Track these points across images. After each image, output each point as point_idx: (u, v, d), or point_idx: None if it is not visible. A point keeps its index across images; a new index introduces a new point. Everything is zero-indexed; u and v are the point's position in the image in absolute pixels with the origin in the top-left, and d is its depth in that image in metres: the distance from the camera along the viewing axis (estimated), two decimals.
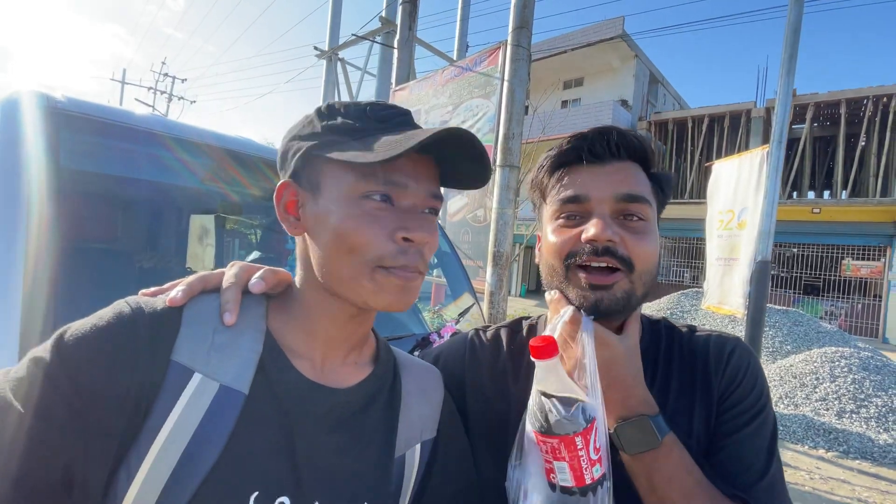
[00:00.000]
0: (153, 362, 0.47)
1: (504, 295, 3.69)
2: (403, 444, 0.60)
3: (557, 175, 0.69)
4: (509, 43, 3.87)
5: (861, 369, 5.69)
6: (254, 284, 0.56)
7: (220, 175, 1.52)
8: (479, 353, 0.81)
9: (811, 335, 7.52)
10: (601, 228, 0.62)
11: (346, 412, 0.56)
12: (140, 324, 0.48)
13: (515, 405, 0.72)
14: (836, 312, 11.80)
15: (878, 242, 11.39)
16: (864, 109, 12.84)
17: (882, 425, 4.94)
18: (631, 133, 0.68)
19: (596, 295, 0.62)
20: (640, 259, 0.63)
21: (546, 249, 0.70)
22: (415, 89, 5.51)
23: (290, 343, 0.56)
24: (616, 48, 15.83)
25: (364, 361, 0.63)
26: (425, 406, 0.66)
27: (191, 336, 0.50)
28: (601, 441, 0.55)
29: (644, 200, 0.66)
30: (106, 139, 1.18)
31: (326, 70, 9.75)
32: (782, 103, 3.37)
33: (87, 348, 0.45)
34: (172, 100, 24.79)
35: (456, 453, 0.68)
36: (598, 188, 0.65)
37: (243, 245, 3.54)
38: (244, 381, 0.50)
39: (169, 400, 0.46)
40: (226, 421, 0.47)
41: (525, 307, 12.88)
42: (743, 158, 3.73)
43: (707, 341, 0.73)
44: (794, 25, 3.37)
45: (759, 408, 0.67)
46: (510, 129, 3.74)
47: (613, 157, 0.66)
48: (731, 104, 14.84)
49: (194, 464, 0.45)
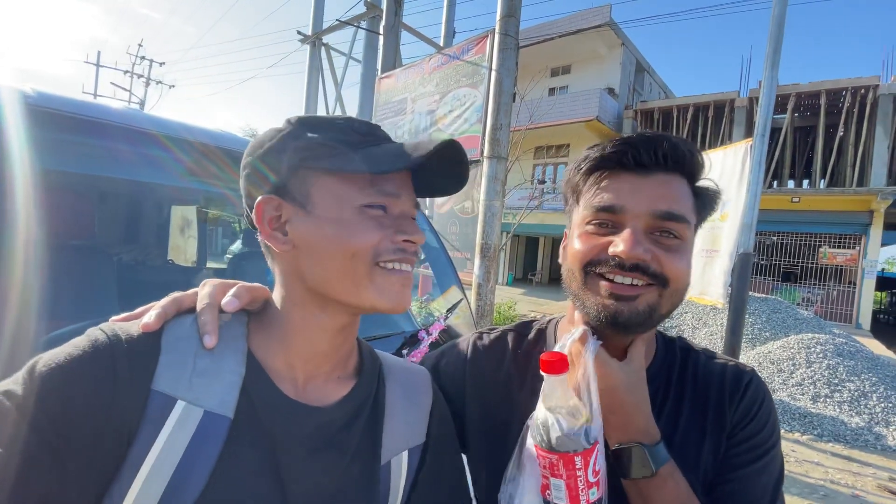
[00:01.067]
0: (133, 393, 0.45)
1: (492, 286, 3.70)
2: (389, 452, 0.60)
3: (594, 178, 0.65)
4: (497, 32, 3.82)
5: (835, 355, 5.89)
6: (227, 303, 0.54)
7: (199, 171, 1.48)
8: (481, 358, 0.78)
9: (789, 322, 7.73)
10: (631, 246, 0.58)
11: (330, 430, 0.56)
12: (118, 353, 0.46)
13: (518, 414, 0.69)
14: (813, 299, 12.12)
15: (853, 231, 11.70)
16: (843, 100, 13.07)
17: (854, 409, 5.13)
18: (682, 143, 0.62)
19: (616, 305, 0.59)
20: (676, 276, 0.60)
21: (569, 253, 0.67)
22: (401, 77, 5.43)
23: (272, 363, 0.55)
24: (603, 36, 15.78)
25: (347, 375, 0.62)
26: (412, 412, 0.65)
27: (171, 363, 0.48)
28: (601, 464, 0.55)
29: (683, 220, 0.61)
30: (78, 135, 1.13)
31: (310, 55, 9.54)
32: (766, 96, 3.40)
33: (62, 380, 0.43)
34: (150, 84, 24.05)
35: (447, 458, 0.67)
36: (637, 201, 0.61)
37: (227, 234, 3.48)
38: (229, 405, 0.49)
39: (152, 430, 0.45)
40: (212, 447, 0.47)
41: (511, 295, 12.96)
42: (727, 151, 3.77)
43: (724, 370, 0.70)
44: (779, 19, 3.38)
45: (769, 445, 0.65)
46: (498, 120, 3.71)
47: (659, 168, 0.62)
48: (716, 94, 14.96)
49: (181, 492, 0.45)
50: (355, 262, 0.52)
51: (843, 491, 3.64)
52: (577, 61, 17.67)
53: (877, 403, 5.13)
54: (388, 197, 0.55)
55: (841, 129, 13.38)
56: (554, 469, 0.54)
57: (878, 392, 5.25)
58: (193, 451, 0.46)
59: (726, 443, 0.66)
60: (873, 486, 3.75)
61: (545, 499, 0.56)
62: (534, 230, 16.46)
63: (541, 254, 19.91)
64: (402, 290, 0.56)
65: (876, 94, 12.33)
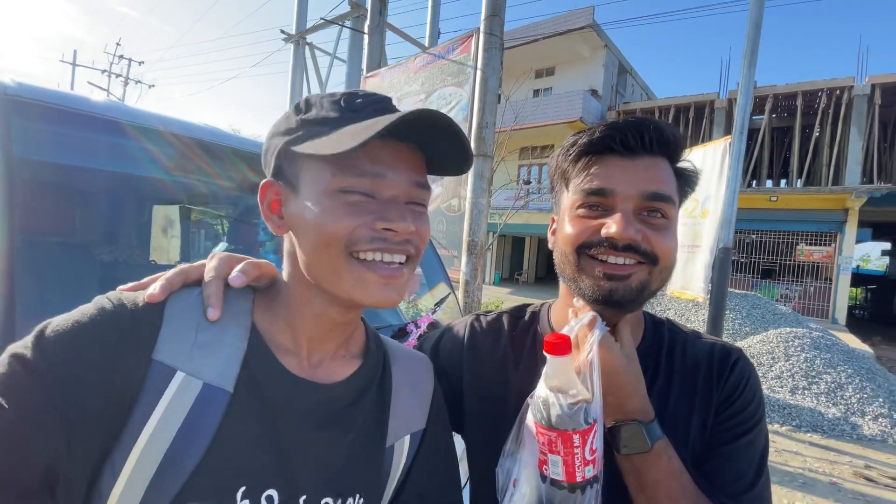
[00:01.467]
0: (135, 360, 0.46)
1: (479, 284, 3.72)
2: (393, 435, 0.61)
3: (583, 163, 0.66)
4: (482, 31, 3.85)
5: (813, 348, 6.05)
6: (234, 278, 0.54)
7: (183, 164, 1.47)
8: (478, 338, 0.80)
9: (768, 317, 7.93)
10: (623, 227, 0.61)
11: (335, 407, 0.56)
12: (122, 320, 0.47)
13: (514, 392, 0.72)
14: (791, 295, 12.43)
15: (829, 228, 12.02)
16: (819, 101, 13.44)
17: (831, 400, 5.28)
18: (667, 126, 0.65)
19: (611, 284, 0.62)
20: (665, 254, 0.63)
21: (561, 237, 0.69)
22: (386, 76, 5.43)
23: (276, 338, 0.55)
24: (586, 38, 15.96)
25: (353, 354, 0.62)
26: (415, 397, 0.66)
27: (173, 334, 0.49)
28: (598, 444, 0.57)
29: (670, 200, 0.64)
30: (61, 127, 1.12)
31: (294, 55, 9.47)
32: (744, 95, 3.49)
33: (69, 344, 0.44)
34: (129, 83, 23.57)
35: (441, 446, 0.68)
36: (626, 183, 0.63)
37: (209, 236, 3.42)
38: (228, 379, 0.49)
39: (151, 398, 0.46)
40: (210, 419, 0.47)
41: (498, 295, 13.03)
42: (707, 149, 3.86)
43: (712, 349, 0.73)
44: (756, 20, 3.48)
45: (755, 420, 0.68)
46: (483, 118, 3.74)
47: (645, 151, 0.64)
48: (696, 95, 15.25)
49: (179, 461, 0.45)
50: (330, 251, 0.50)
51: (821, 479, 3.75)
52: (560, 63, 17.85)
53: (852, 394, 5.29)
54: (370, 178, 0.50)
55: (817, 130, 13.75)
56: (552, 446, 0.55)
57: (854, 383, 5.41)
58: (192, 422, 0.46)
59: (714, 419, 0.69)
60: (850, 474, 3.87)
61: (542, 473, 0.57)
62: (520, 230, 16.55)
63: (527, 253, 20.03)
64: (383, 284, 0.51)
65: (850, 95, 12.70)
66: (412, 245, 0.54)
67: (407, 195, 0.53)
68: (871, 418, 4.97)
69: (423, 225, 0.55)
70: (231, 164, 1.52)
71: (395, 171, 0.52)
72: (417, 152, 0.55)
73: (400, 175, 0.52)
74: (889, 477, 3.80)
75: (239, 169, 1.54)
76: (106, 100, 1.30)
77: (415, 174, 0.54)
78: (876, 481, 3.73)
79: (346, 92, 0.55)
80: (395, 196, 0.52)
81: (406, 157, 0.53)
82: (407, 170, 0.53)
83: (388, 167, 0.51)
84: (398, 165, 0.52)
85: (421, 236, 0.55)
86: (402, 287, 0.54)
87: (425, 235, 0.56)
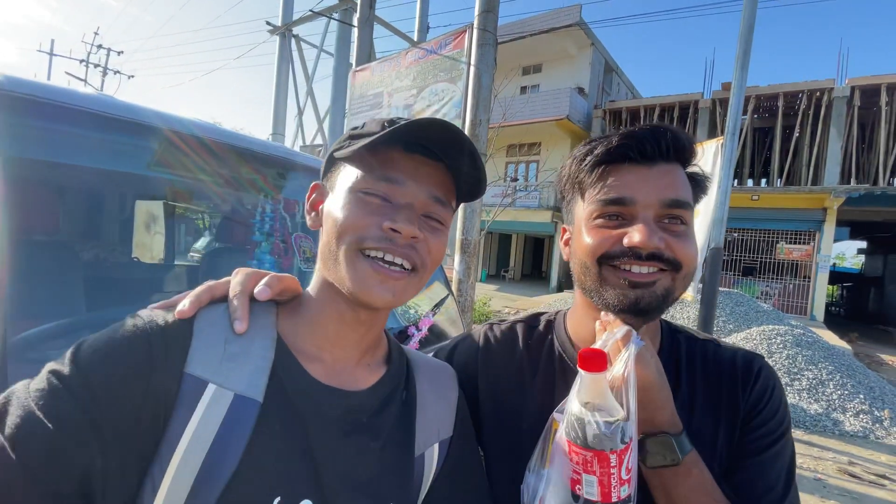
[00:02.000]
0: (167, 375, 0.48)
1: (472, 282, 3.69)
2: (422, 443, 0.62)
3: (599, 172, 0.66)
4: (475, 27, 3.80)
5: (794, 345, 6.18)
6: (259, 292, 0.56)
7: (174, 160, 1.39)
8: (493, 348, 0.80)
9: (751, 314, 8.08)
10: (647, 236, 0.60)
11: (362, 415, 0.57)
12: (153, 337, 0.48)
13: (531, 403, 0.72)
14: (771, 293, 12.70)
15: (808, 227, 12.29)
16: (799, 103, 13.71)
17: (812, 396, 5.40)
18: (682, 133, 0.65)
19: (636, 293, 0.61)
20: (687, 261, 0.63)
21: (579, 248, 0.67)
22: (376, 70, 5.34)
23: (301, 347, 0.57)
24: (573, 36, 16.01)
25: (377, 362, 0.64)
26: (441, 405, 0.67)
27: (203, 347, 0.51)
28: (633, 463, 0.55)
29: (688, 206, 0.64)
30: (49, 122, 1.04)
31: (280, 47, 9.28)
32: (737, 96, 3.51)
33: (104, 360, 0.46)
34: (107, 74, 22.90)
35: (467, 453, 0.69)
36: (646, 192, 0.62)
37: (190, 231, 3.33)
38: (258, 389, 0.50)
39: (185, 411, 0.47)
40: (243, 429, 0.48)
41: (485, 291, 13.04)
42: (698, 149, 3.87)
43: (734, 358, 0.72)
44: (749, 22, 3.50)
45: (782, 430, 0.67)
46: (477, 116, 3.70)
47: (662, 159, 0.64)
48: (681, 95, 15.42)
49: (215, 472, 0.46)
50: (340, 243, 0.54)
51: (806, 475, 3.82)
52: (548, 60, 17.89)
53: (833, 391, 5.41)
54: (387, 184, 0.54)
55: (797, 131, 14.04)
56: (587, 466, 0.53)
57: (835, 380, 5.54)
58: (225, 433, 0.47)
59: (741, 430, 0.68)
60: (834, 470, 3.95)
61: (575, 493, 0.55)
62: (507, 227, 16.60)
63: (513, 250, 20.12)
64: (379, 281, 0.53)
65: (830, 97, 12.99)
66: (417, 253, 0.55)
67: (423, 206, 0.56)
68: (853, 414, 5.09)
69: (434, 237, 0.57)
70: (222, 160, 1.45)
71: (414, 181, 0.55)
72: (446, 173, 0.58)
73: (419, 186, 0.56)
74: (873, 473, 3.89)
75: (229, 164, 1.47)
76: (93, 92, 1.22)
77: (435, 189, 0.57)
78: (860, 478, 3.82)
79: (395, 117, 0.59)
80: (409, 204, 0.55)
81: (429, 172, 0.57)
82: (427, 183, 0.56)
83: (408, 176, 0.55)
84: (418, 177, 0.56)
85: (429, 247, 0.56)
86: (400, 290, 0.55)
87: (435, 249, 0.57)
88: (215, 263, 1.98)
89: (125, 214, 2.51)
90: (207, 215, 2.94)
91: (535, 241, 21.64)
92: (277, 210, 1.59)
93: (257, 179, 1.55)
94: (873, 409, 5.12)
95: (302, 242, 1.60)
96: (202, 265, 2.13)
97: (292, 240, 1.60)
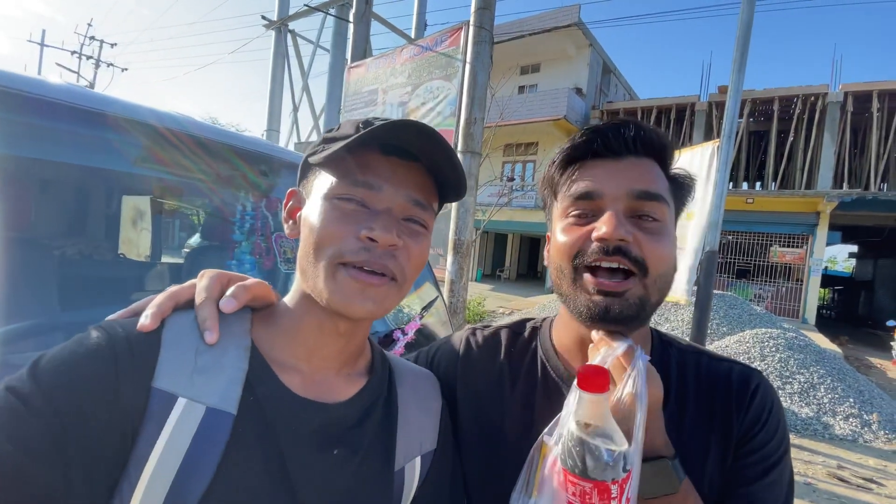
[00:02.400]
0: (134, 389, 0.45)
1: (465, 283, 3.65)
2: (403, 457, 0.60)
3: (569, 171, 0.64)
4: (472, 24, 3.76)
5: (787, 349, 6.19)
6: (224, 304, 0.53)
7: (152, 156, 1.34)
8: (473, 354, 0.77)
9: (744, 317, 8.10)
10: (613, 226, 0.57)
11: (340, 427, 0.55)
12: (119, 350, 0.46)
13: (509, 412, 0.69)
14: (764, 295, 12.76)
15: (801, 231, 12.37)
16: (794, 107, 13.78)
17: (804, 400, 5.41)
18: (649, 127, 0.63)
19: (606, 301, 0.58)
20: (655, 261, 0.58)
21: (554, 249, 0.64)
22: (372, 67, 5.28)
23: (277, 356, 0.54)
24: (572, 36, 16.00)
25: (358, 373, 0.61)
26: (424, 417, 0.65)
27: (171, 359, 0.48)
28: (633, 492, 0.50)
29: (661, 199, 0.61)
30: (20, 115, 0.99)
31: (275, 42, 9.20)
32: (733, 99, 3.49)
33: (65, 375, 0.43)
34: (100, 66, 22.64)
35: (449, 466, 0.67)
36: (612, 184, 0.60)
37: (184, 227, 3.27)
38: (231, 401, 0.48)
39: (154, 427, 0.45)
40: (215, 444, 0.46)
41: (480, 291, 13.02)
42: (694, 152, 3.85)
43: (730, 373, 0.68)
44: (746, 24, 3.47)
45: (779, 455, 0.63)
46: (472, 114, 3.66)
47: (629, 152, 0.62)
48: (677, 97, 15.48)
49: (187, 489, 0.44)
50: (318, 257, 0.52)
51: (797, 479, 3.82)
52: (546, 60, 17.87)
53: (824, 394, 5.43)
54: (364, 189, 0.52)
55: (792, 135, 14.12)
56: (585, 497, 0.49)
57: (826, 384, 5.56)
58: (197, 448, 0.45)
59: (734, 454, 0.63)
60: (824, 474, 3.95)
61: None
62: (503, 227, 16.58)
63: (509, 250, 20.12)
64: (359, 290, 0.51)
65: (824, 102, 13.07)
66: (396, 262, 0.53)
67: (402, 210, 0.54)
68: (843, 418, 5.11)
69: (414, 244, 0.55)
70: (205, 156, 1.40)
71: (391, 185, 0.53)
72: (425, 174, 0.56)
73: (396, 189, 0.53)
74: (861, 478, 3.90)
75: (212, 161, 1.42)
76: (65, 83, 1.17)
77: (414, 192, 0.55)
78: (849, 482, 3.82)
79: (371, 117, 0.57)
80: (388, 209, 0.53)
81: (407, 174, 0.54)
82: (405, 186, 0.54)
83: (385, 180, 0.53)
84: (396, 180, 0.53)
85: (409, 254, 0.54)
86: (381, 298, 0.53)
87: (415, 255, 0.55)
88: (199, 262, 1.93)
89: (108, 214, 2.45)
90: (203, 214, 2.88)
91: (531, 241, 21.66)
92: (259, 209, 1.54)
93: (236, 176, 1.51)
94: (862, 413, 5.14)
95: (283, 243, 1.55)
96: (185, 264, 2.08)
97: (273, 239, 1.55)
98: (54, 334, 1.14)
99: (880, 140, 12.99)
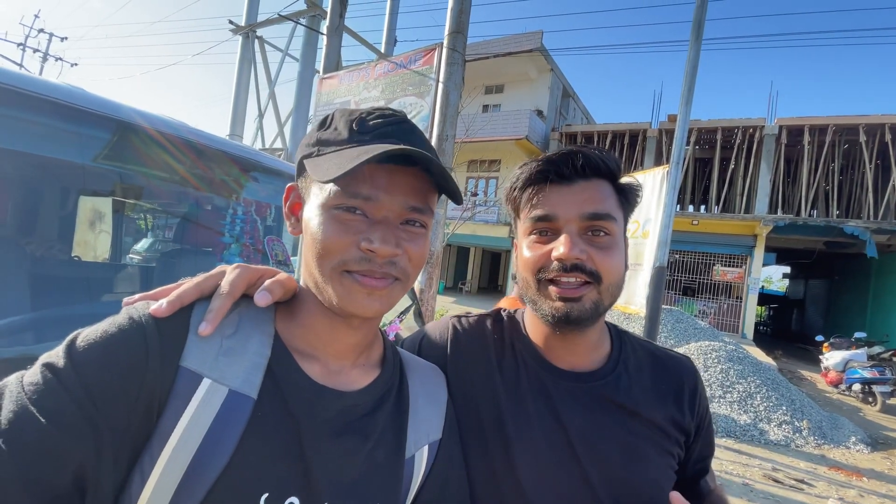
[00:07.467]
0: (163, 368, 0.47)
1: (433, 293, 3.75)
2: (413, 445, 0.62)
3: (528, 193, 0.73)
4: (445, 46, 3.93)
5: (727, 360, 6.65)
6: (259, 299, 0.55)
7: (119, 153, 1.36)
8: (462, 340, 0.81)
9: (689, 331, 8.62)
10: (569, 248, 0.66)
11: (355, 415, 0.57)
12: (149, 330, 0.48)
13: (502, 398, 0.73)
14: (707, 311, 13.58)
15: (741, 252, 13.33)
16: (735, 137, 14.92)
17: (742, 408, 5.82)
18: (595, 154, 0.71)
19: (567, 306, 0.67)
20: (608, 272, 0.68)
21: (521, 262, 0.74)
22: (345, 79, 5.36)
23: (298, 345, 0.57)
24: (534, 60, 16.65)
25: (371, 364, 0.64)
26: (432, 407, 0.67)
27: (199, 341, 0.50)
28: None
29: (609, 217, 0.69)
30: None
31: (242, 47, 9.07)
32: (681, 129, 3.82)
33: (98, 353, 0.45)
34: (48, 60, 21.37)
35: (454, 456, 0.68)
36: (565, 208, 0.69)
37: (130, 231, 3.16)
38: (253, 385, 0.51)
39: (179, 405, 0.47)
40: (235, 425, 0.48)
41: (443, 303, 13.09)
42: (647, 175, 4.17)
43: (679, 365, 0.81)
44: (693, 64, 3.84)
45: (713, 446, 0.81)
46: (444, 131, 3.81)
47: (580, 177, 0.70)
48: (631, 123, 16.38)
49: (205, 467, 0.46)
50: (323, 266, 0.53)
51: (735, 480, 4.12)
52: (509, 81, 18.47)
53: (760, 403, 5.86)
54: (362, 200, 0.53)
55: (733, 163, 15.23)
56: None
57: (762, 393, 6.01)
58: (218, 428, 0.47)
59: (685, 443, 0.76)
60: (759, 476, 4.28)
61: None
62: (465, 240, 16.81)
63: (471, 263, 20.34)
64: (366, 294, 0.53)
65: (761, 134, 14.22)
66: (397, 268, 0.55)
67: (400, 216, 0.55)
68: (776, 425, 5.53)
69: (414, 246, 0.56)
70: (179, 156, 1.42)
71: (388, 194, 0.53)
72: (422, 176, 0.56)
73: (393, 198, 0.54)
74: (793, 478, 4.25)
75: (185, 160, 1.44)
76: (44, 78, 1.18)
77: (410, 198, 0.55)
78: (782, 482, 4.16)
79: (365, 111, 0.57)
80: (386, 217, 0.54)
81: (403, 180, 0.54)
82: (401, 193, 0.54)
83: (381, 190, 0.53)
84: (392, 188, 0.54)
85: (410, 257, 0.56)
86: (386, 298, 0.55)
87: (415, 256, 0.57)
88: (172, 265, 1.92)
89: (67, 211, 2.37)
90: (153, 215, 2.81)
91: (492, 256, 22.00)
92: (249, 213, 1.59)
93: (219, 177, 1.54)
94: (794, 420, 5.59)
95: (274, 246, 1.60)
96: (157, 267, 2.05)
97: (264, 243, 1.59)
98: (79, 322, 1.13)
99: (811, 170, 14.24)
